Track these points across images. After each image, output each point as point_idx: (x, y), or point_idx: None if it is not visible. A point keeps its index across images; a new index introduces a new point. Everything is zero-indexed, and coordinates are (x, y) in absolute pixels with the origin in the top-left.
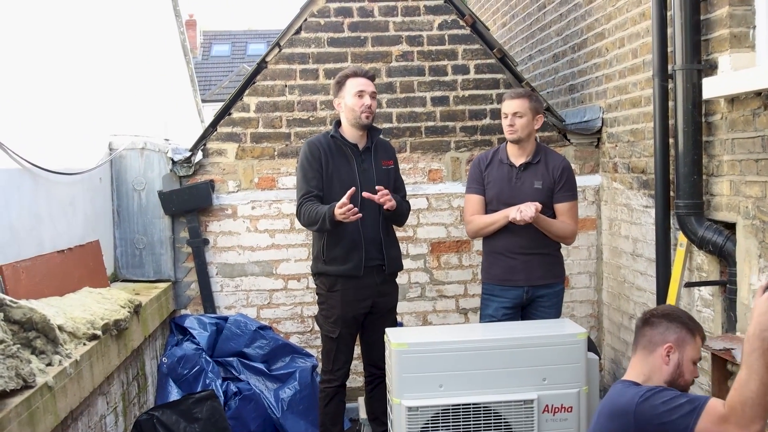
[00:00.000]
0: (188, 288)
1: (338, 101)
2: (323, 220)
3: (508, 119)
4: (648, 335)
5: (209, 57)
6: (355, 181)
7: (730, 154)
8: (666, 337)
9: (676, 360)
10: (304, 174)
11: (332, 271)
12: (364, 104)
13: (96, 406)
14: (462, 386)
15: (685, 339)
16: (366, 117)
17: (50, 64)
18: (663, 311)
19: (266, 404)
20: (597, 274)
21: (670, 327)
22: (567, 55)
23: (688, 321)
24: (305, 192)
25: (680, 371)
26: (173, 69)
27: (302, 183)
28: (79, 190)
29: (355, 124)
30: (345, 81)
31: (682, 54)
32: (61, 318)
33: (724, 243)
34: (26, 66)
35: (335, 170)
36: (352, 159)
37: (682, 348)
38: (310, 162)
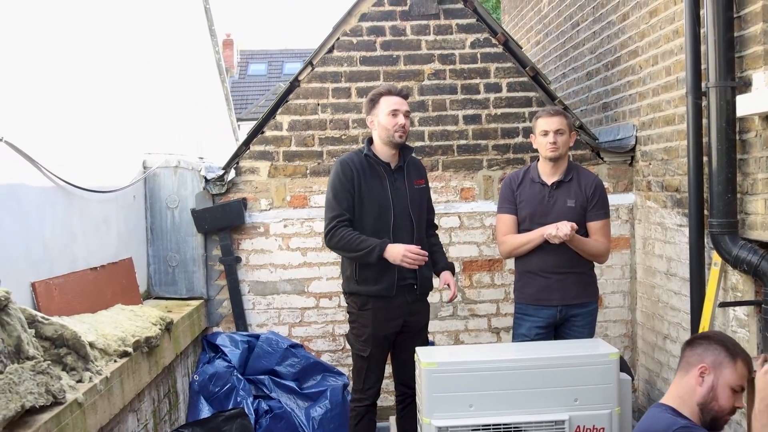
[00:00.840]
0: (220, 306)
1: (371, 119)
2: (369, 252)
3: (549, 137)
4: (687, 356)
5: (246, 76)
6: (388, 200)
7: (765, 172)
8: (703, 358)
9: (710, 382)
10: (335, 194)
11: (364, 291)
12: (398, 123)
13: (126, 423)
14: (492, 406)
15: (722, 362)
16: (399, 136)
17: (86, 83)
18: (705, 333)
19: (297, 423)
20: (631, 294)
21: (708, 348)
22: (600, 72)
23: (729, 344)
24: (337, 214)
25: (714, 394)
26: (209, 88)
27: (333, 204)
28: (112, 207)
29: (388, 143)
30: (379, 99)
31: (716, 71)
32: (92, 335)
33: (759, 262)
34: (62, 84)
35: (367, 189)
36: (385, 178)
37: (719, 371)
38: (342, 182)
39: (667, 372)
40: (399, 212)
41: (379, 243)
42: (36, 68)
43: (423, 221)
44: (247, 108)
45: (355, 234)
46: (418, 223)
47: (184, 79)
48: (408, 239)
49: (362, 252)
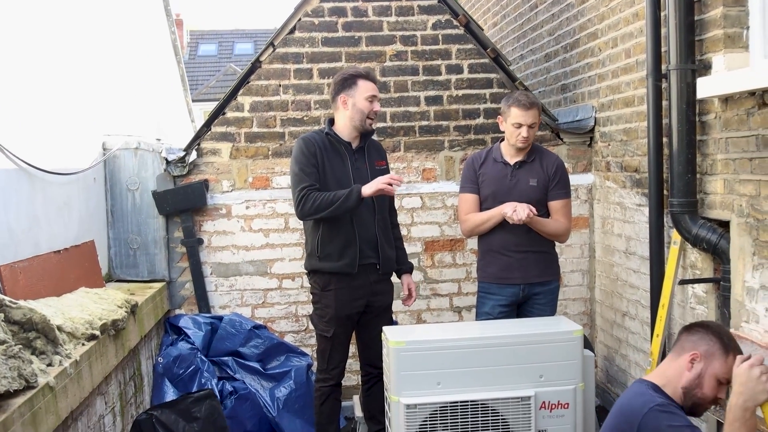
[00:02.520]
0: (183, 288)
1: (344, 98)
2: (347, 197)
3: (522, 130)
4: (682, 340)
5: (196, 56)
6: (349, 178)
7: (723, 153)
8: (696, 345)
9: (699, 370)
10: (301, 168)
11: (326, 268)
12: (373, 109)
13: (95, 406)
14: (460, 383)
15: (715, 353)
16: (370, 123)
17: (44, 64)
18: (705, 322)
19: (262, 403)
20: (590, 272)
21: (704, 338)
22: (559, 54)
23: (725, 338)
24: (308, 184)
25: (700, 382)
26: (164, 68)
27: (301, 176)
28: (74, 190)
29: (357, 126)
30: (356, 81)
31: (677, 54)
32: (59, 318)
33: (718, 241)
34: (21, 66)
35: (330, 167)
36: (346, 157)
37: (709, 361)
38: (307, 157)
39: (625, 348)
40: None
41: (352, 187)
42: None
43: (384, 202)
44: (197, 89)
45: (326, 193)
46: (379, 203)
47: (141, 59)
48: (369, 219)
49: (339, 200)
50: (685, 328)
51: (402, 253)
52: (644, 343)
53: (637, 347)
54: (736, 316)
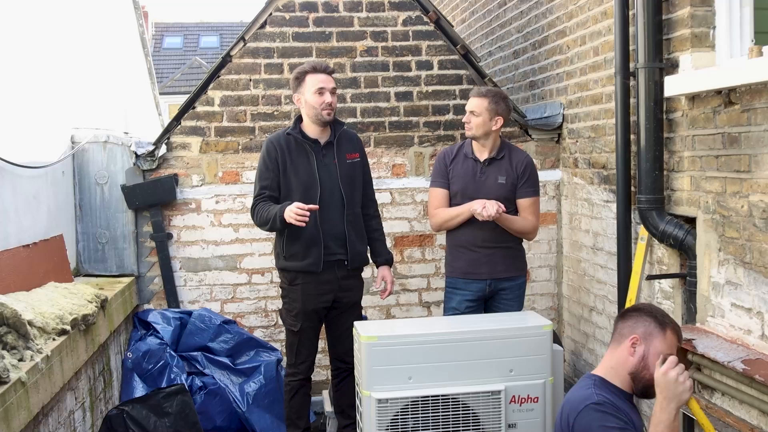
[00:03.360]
0: (151, 282)
1: (298, 97)
2: (274, 220)
3: (466, 116)
4: (619, 328)
5: (161, 49)
6: (314, 176)
7: (690, 151)
8: (634, 329)
9: (642, 352)
10: (260, 174)
11: (292, 267)
12: (324, 101)
13: (65, 402)
14: (431, 378)
15: (652, 332)
16: (327, 114)
17: (11, 58)
18: (636, 306)
19: (231, 398)
20: (557, 268)
21: (639, 320)
22: (528, 51)
23: (659, 315)
24: (258, 192)
25: (645, 364)
26: (132, 61)
27: (256, 182)
28: (42, 183)
29: (316, 121)
30: (304, 77)
31: (645, 52)
32: (30, 313)
33: (684, 237)
34: None
35: (293, 168)
36: (312, 154)
37: (649, 341)
38: (266, 162)
39: (592, 343)
40: (327, 188)
41: (278, 208)
42: None
43: (356, 196)
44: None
45: (267, 206)
46: (349, 198)
47: (109, 52)
48: (338, 215)
49: (271, 221)
50: (619, 316)
51: (380, 244)
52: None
53: (604, 342)
54: (701, 311)
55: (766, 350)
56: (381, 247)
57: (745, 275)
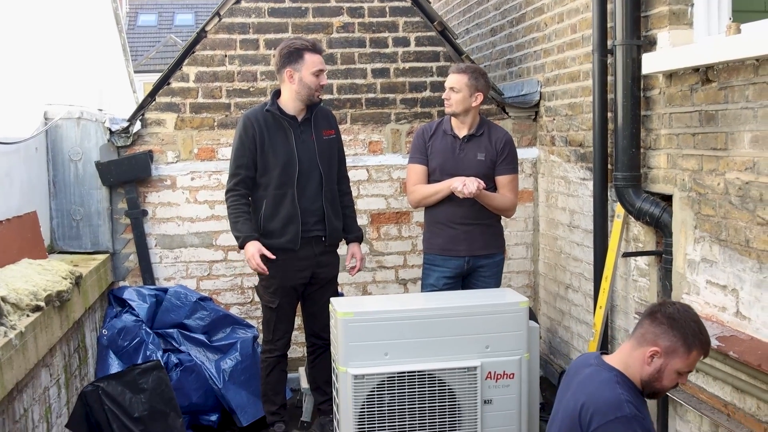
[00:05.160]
0: (127, 259)
1: (290, 72)
2: (236, 237)
3: (445, 92)
4: (645, 329)
5: (135, 27)
6: (293, 153)
7: (667, 128)
8: (658, 340)
9: (659, 365)
10: (235, 152)
11: (269, 244)
12: (320, 83)
13: (40, 378)
14: (407, 354)
15: (677, 350)
16: (318, 96)
17: None
18: (671, 313)
19: (207, 375)
20: (533, 246)
21: (668, 332)
22: (505, 29)
23: (690, 334)
24: (234, 171)
25: (659, 376)
26: (106, 38)
27: (232, 161)
28: (14, 160)
29: (303, 100)
30: (303, 54)
31: (623, 30)
32: (3, 289)
33: (660, 214)
34: None
35: (271, 144)
36: (290, 131)
37: (670, 357)
38: (242, 139)
39: (568, 320)
40: (305, 165)
41: (244, 236)
42: None
43: (333, 172)
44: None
45: (238, 210)
46: (327, 175)
47: (82, 28)
48: (316, 192)
49: (233, 233)
50: (650, 314)
51: (351, 221)
52: (587, 315)
53: (580, 319)
54: (677, 288)
55: (741, 327)
56: (352, 223)
57: (720, 253)
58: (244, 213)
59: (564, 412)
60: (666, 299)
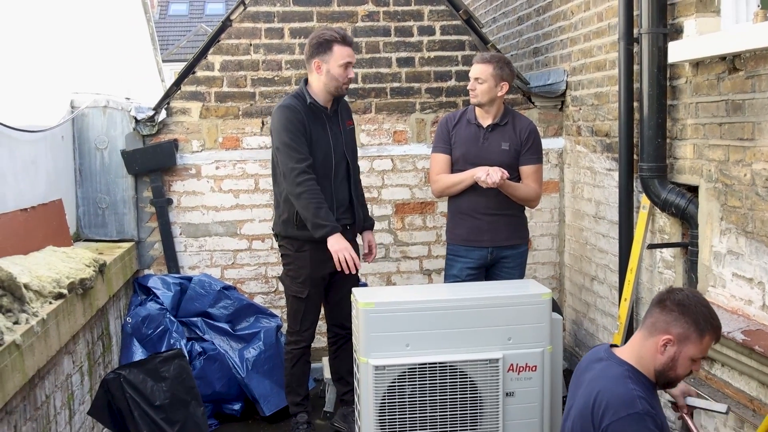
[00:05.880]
0: (151, 248)
1: (318, 63)
2: (318, 227)
3: (471, 83)
4: (655, 317)
5: (166, 16)
6: (329, 145)
7: (693, 118)
8: (670, 327)
9: (672, 353)
10: (293, 138)
11: (303, 236)
12: (349, 76)
13: (62, 365)
14: (428, 345)
15: (689, 337)
16: (346, 88)
17: (11, 21)
18: (680, 299)
19: (231, 364)
20: (559, 237)
21: (679, 319)
22: (531, 17)
23: (701, 319)
24: (304, 157)
25: (673, 365)
26: (134, 27)
27: (294, 147)
28: (41, 148)
29: (332, 91)
30: (332, 46)
31: (649, 18)
32: (26, 276)
33: (686, 205)
34: None
35: (315, 137)
36: (326, 123)
37: (683, 344)
38: (297, 126)
39: (593, 312)
40: (338, 156)
41: (332, 226)
42: None
43: (356, 163)
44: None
45: (318, 197)
46: (353, 165)
47: (110, 17)
48: (345, 182)
49: (313, 220)
50: (659, 302)
51: (364, 209)
52: (612, 307)
53: (605, 311)
54: (703, 281)
55: (767, 321)
56: (365, 212)
57: (746, 245)
58: (324, 200)
59: (576, 409)
60: (673, 287)
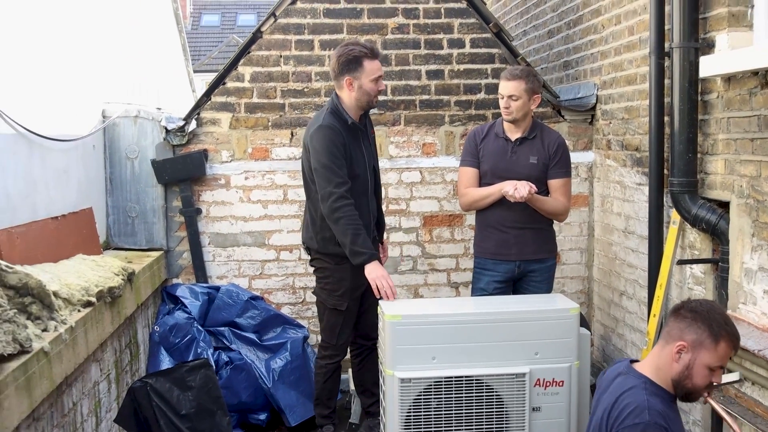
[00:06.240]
0: (180, 257)
1: (350, 80)
2: (356, 254)
3: (504, 101)
4: (670, 327)
5: (199, 27)
6: (365, 162)
7: (725, 133)
8: (684, 334)
9: (687, 361)
10: (333, 160)
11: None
12: (378, 89)
13: (90, 373)
14: (455, 359)
15: (703, 342)
16: (377, 100)
17: (45, 31)
18: (694, 306)
19: (257, 374)
20: (588, 251)
21: (692, 325)
22: (562, 31)
23: (715, 324)
24: (340, 180)
25: (689, 373)
26: (166, 38)
27: (334, 170)
28: (72, 157)
29: (364, 106)
30: (362, 61)
31: (680, 32)
32: (55, 284)
33: (717, 221)
34: (22, 32)
35: (353, 154)
36: (360, 138)
37: (697, 350)
38: (338, 148)
39: (622, 328)
40: (370, 171)
41: (370, 254)
42: None
43: (378, 170)
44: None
45: (357, 223)
46: (378, 176)
47: (142, 28)
48: (372, 195)
49: (351, 248)
50: (673, 311)
51: (381, 214)
52: (641, 322)
53: (633, 327)
54: (733, 298)
55: None
56: (382, 217)
57: None
58: (361, 226)
59: (594, 422)
60: (690, 298)
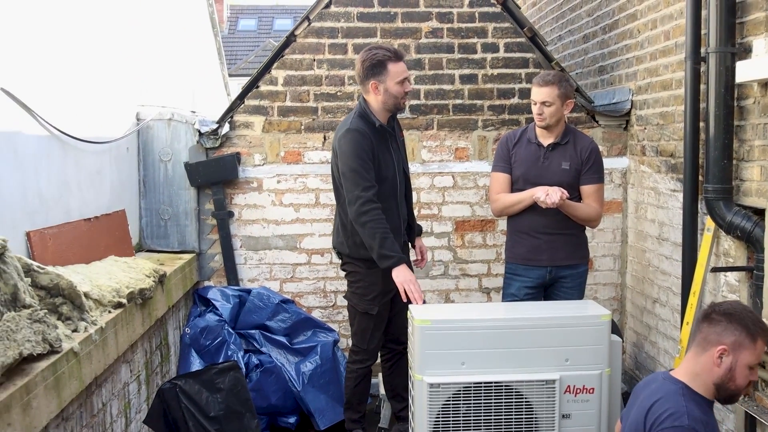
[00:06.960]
0: (212, 260)
1: (375, 83)
2: (384, 257)
3: (536, 107)
4: (705, 332)
5: (236, 31)
6: (394, 165)
7: (761, 139)
8: (722, 338)
9: (729, 363)
10: (362, 164)
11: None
12: (405, 91)
13: (120, 374)
14: (484, 364)
15: (742, 343)
16: (404, 103)
17: (80, 33)
18: (725, 309)
19: (287, 377)
20: (621, 258)
21: (728, 328)
22: (597, 36)
23: (750, 324)
24: (370, 185)
25: (732, 375)
26: (201, 41)
27: (363, 174)
28: (106, 159)
29: (392, 109)
30: (386, 64)
31: (716, 37)
32: (87, 285)
33: (752, 229)
34: (57, 35)
35: (382, 158)
36: (388, 142)
37: (738, 352)
38: (366, 152)
39: (654, 335)
40: (400, 175)
41: (398, 257)
42: (32, 17)
43: (408, 173)
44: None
45: (384, 227)
46: (407, 178)
47: (178, 31)
48: (403, 198)
49: (379, 251)
50: (705, 317)
51: (412, 216)
52: (674, 330)
53: (666, 334)
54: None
55: None
56: (413, 218)
57: None
58: (389, 230)
59: (629, 425)
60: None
